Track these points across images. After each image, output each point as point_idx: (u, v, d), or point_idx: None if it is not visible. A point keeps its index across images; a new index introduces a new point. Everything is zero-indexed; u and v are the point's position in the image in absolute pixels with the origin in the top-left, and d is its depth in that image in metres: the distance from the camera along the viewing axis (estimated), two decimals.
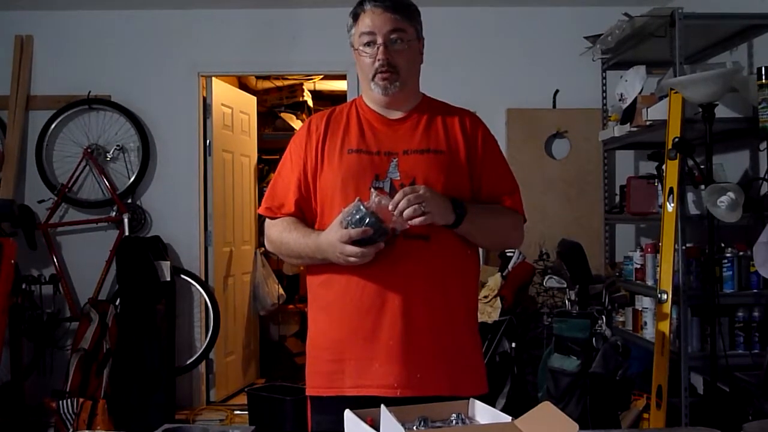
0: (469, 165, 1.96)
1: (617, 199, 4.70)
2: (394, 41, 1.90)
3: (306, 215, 1.98)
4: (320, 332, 1.96)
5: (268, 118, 6.81)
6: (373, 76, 1.92)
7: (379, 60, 1.89)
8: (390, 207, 1.75)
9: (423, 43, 2.01)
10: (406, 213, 1.75)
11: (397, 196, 1.75)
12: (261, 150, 6.33)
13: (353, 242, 1.77)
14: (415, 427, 1.52)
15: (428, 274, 1.87)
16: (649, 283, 3.85)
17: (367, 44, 1.91)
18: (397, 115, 1.99)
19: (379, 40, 1.89)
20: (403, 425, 1.43)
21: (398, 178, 1.89)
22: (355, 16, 1.94)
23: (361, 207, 1.76)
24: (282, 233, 1.97)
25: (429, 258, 1.87)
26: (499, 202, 1.99)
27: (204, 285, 5.03)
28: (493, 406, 1.59)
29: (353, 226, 1.76)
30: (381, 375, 1.85)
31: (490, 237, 2.00)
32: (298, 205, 1.98)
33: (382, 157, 1.91)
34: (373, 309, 1.86)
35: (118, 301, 4.71)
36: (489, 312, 4.01)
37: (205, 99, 5.29)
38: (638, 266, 4.01)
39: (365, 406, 1.59)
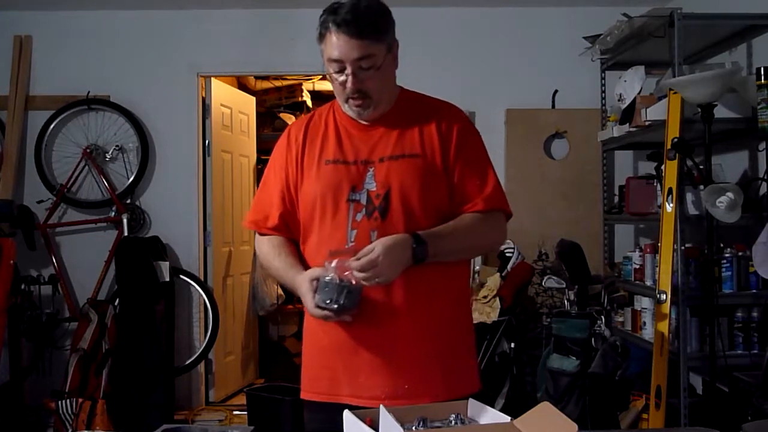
0: (444, 166, 1.90)
1: (616, 199, 4.70)
2: (364, 68, 1.81)
3: (291, 227, 1.98)
4: (311, 338, 1.97)
5: (267, 118, 6.81)
6: (346, 100, 1.88)
7: (348, 88, 1.83)
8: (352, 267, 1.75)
9: (397, 45, 1.90)
10: (361, 280, 1.74)
11: (353, 263, 1.73)
12: (260, 150, 6.32)
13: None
14: (413, 428, 1.52)
15: (410, 283, 1.84)
16: (648, 283, 3.85)
17: (337, 70, 1.84)
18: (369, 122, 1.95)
19: (348, 70, 1.81)
20: (402, 426, 1.42)
21: (374, 188, 1.86)
22: (321, 37, 1.83)
23: (335, 281, 1.74)
24: (267, 257, 1.99)
25: (411, 268, 1.82)
26: (472, 205, 1.91)
27: (203, 285, 5.03)
28: (492, 406, 1.59)
29: (324, 299, 1.76)
30: (367, 387, 1.85)
31: (463, 255, 1.96)
32: (283, 219, 1.97)
33: (359, 167, 1.88)
34: (354, 323, 1.84)
35: (117, 301, 4.71)
36: (488, 312, 4.01)
37: (204, 99, 5.29)
38: (637, 266, 4.01)
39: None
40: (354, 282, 1.74)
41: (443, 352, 1.90)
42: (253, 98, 6.25)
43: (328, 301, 1.75)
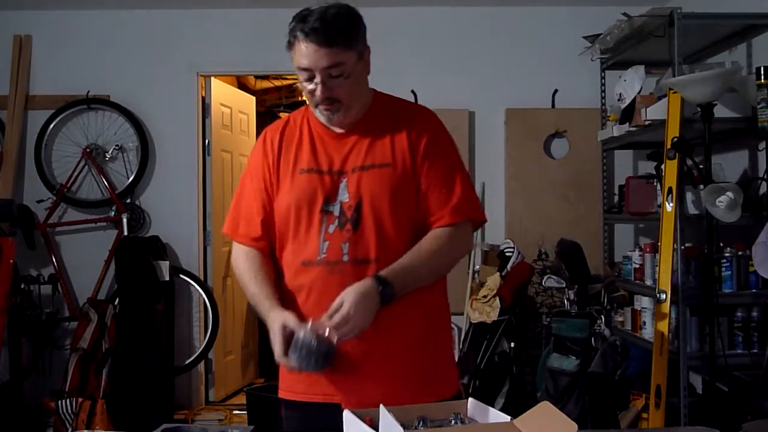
0: (415, 175, 1.87)
1: (616, 198, 4.70)
2: (334, 76, 1.79)
3: (271, 235, 1.95)
4: None
5: (267, 117, 6.81)
6: (316, 105, 1.85)
7: (318, 96, 1.81)
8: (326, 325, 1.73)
9: (368, 51, 1.87)
10: (338, 336, 1.71)
11: (327, 322, 1.70)
12: None
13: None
14: (414, 427, 1.53)
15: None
16: (648, 282, 3.85)
17: (306, 78, 1.82)
18: (341, 129, 1.91)
19: (317, 78, 1.79)
20: (402, 425, 1.42)
21: (347, 199, 1.84)
22: (290, 44, 1.81)
23: (312, 344, 1.70)
24: (243, 276, 1.93)
25: None
26: (438, 218, 1.88)
27: (203, 285, 5.03)
28: (492, 405, 1.59)
29: (300, 361, 1.72)
30: (343, 390, 1.84)
31: (431, 280, 1.91)
32: (264, 226, 1.93)
33: (333, 177, 1.86)
34: None
35: (117, 300, 4.71)
36: (488, 312, 4.01)
37: (203, 99, 5.29)
38: (637, 266, 4.01)
39: (332, 411, 1.61)
40: (329, 338, 1.71)
41: (417, 363, 1.88)
42: (253, 98, 6.26)
43: (304, 364, 1.72)
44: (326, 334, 1.71)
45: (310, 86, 1.81)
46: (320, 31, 1.75)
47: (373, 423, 1.50)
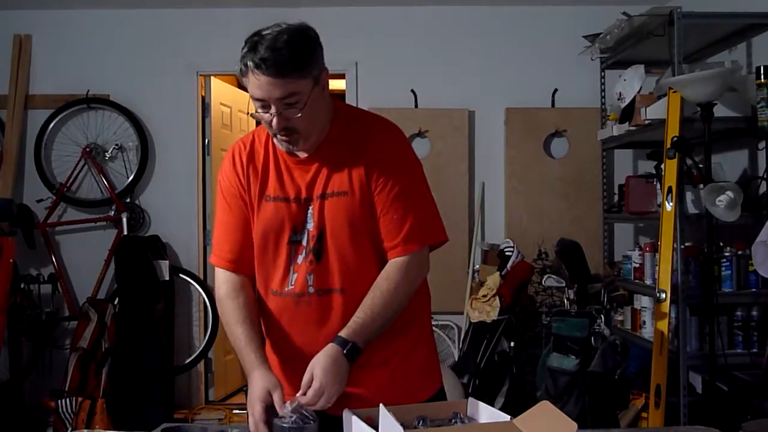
0: (371, 202, 1.82)
1: (616, 198, 4.70)
2: (288, 106, 1.72)
3: (251, 256, 1.91)
4: (269, 355, 1.92)
5: None
6: (274, 135, 1.81)
7: (275, 127, 1.75)
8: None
9: (327, 73, 1.82)
10: (319, 408, 1.67)
11: (302, 399, 1.67)
12: None
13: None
14: (414, 427, 1.53)
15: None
16: (648, 282, 3.85)
17: (261, 107, 1.77)
18: (304, 153, 1.86)
19: (273, 109, 1.72)
20: (402, 425, 1.42)
21: (312, 228, 1.82)
22: (242, 73, 1.76)
23: (292, 428, 1.65)
24: (228, 315, 1.86)
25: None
26: (391, 248, 1.83)
27: (203, 284, 5.03)
28: (492, 405, 1.59)
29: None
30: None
31: (394, 318, 1.83)
32: (244, 248, 1.88)
33: (300, 205, 1.83)
34: (295, 362, 1.81)
35: (116, 300, 4.71)
36: (488, 311, 4.01)
37: (203, 98, 5.29)
38: (637, 265, 4.01)
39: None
40: (312, 416, 1.67)
41: (398, 356, 1.87)
42: None
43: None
44: (307, 411, 1.67)
45: (267, 116, 1.75)
46: (270, 62, 1.69)
47: (373, 423, 1.50)
